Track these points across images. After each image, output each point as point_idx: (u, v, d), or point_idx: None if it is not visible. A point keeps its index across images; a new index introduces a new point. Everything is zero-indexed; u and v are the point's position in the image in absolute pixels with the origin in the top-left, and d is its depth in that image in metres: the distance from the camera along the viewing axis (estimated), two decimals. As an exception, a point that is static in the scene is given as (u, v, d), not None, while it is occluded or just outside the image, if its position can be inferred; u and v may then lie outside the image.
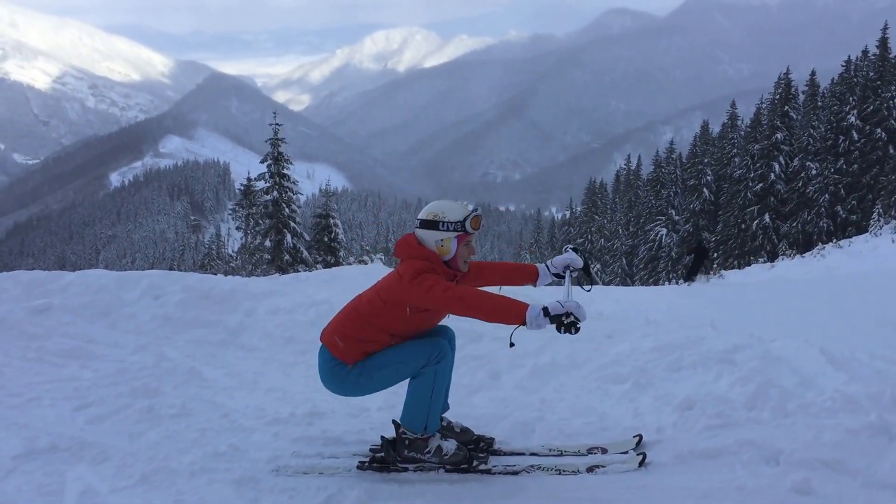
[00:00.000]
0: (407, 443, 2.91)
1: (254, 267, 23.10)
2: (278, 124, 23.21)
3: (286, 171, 23.24)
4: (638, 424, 3.34)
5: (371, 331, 2.81)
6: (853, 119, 31.07)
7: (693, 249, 23.32)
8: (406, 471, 2.95)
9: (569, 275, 3.03)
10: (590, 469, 2.85)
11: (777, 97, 34.82)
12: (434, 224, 2.81)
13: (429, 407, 2.84)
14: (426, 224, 2.83)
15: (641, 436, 3.11)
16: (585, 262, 3.06)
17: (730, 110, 40.15)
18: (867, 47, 33.00)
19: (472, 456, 2.97)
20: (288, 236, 22.74)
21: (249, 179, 25.03)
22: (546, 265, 3.12)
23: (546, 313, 2.47)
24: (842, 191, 31.50)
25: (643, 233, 40.23)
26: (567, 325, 2.46)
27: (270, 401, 3.95)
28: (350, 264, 19.02)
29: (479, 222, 2.85)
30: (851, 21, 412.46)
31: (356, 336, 2.82)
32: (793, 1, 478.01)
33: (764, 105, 37.05)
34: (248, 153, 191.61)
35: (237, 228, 27.58)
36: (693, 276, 20.39)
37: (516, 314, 2.51)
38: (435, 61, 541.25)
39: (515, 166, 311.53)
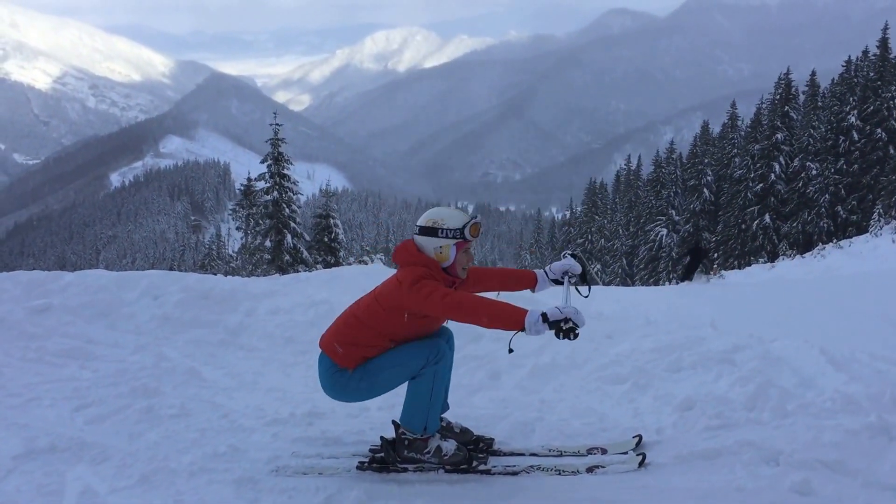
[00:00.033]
0: (406, 443, 2.91)
1: (254, 267, 23.10)
2: (278, 124, 23.22)
3: (286, 172, 23.24)
4: (638, 425, 3.34)
5: (370, 336, 2.81)
6: (853, 119, 31.07)
7: (690, 250, 23.41)
8: (405, 471, 2.95)
9: (567, 281, 3.04)
10: (589, 469, 2.85)
11: (777, 97, 34.83)
12: (433, 231, 2.81)
13: (428, 407, 2.84)
14: (425, 231, 2.83)
15: (641, 436, 3.11)
16: (584, 269, 3.06)
17: (730, 110, 40.16)
18: (867, 47, 33.02)
19: (472, 456, 2.97)
20: (288, 236, 22.75)
21: (250, 180, 25.04)
22: (544, 271, 3.13)
23: (545, 319, 2.48)
24: (842, 191, 31.50)
25: (643, 233, 40.23)
26: (566, 331, 2.47)
27: (270, 401, 3.94)
28: (350, 264, 19.03)
29: (478, 230, 2.85)
30: (852, 21, 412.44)
31: (356, 342, 2.83)
32: (793, 1, 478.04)
33: (764, 105, 37.06)
34: (249, 153, 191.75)
35: (237, 229, 27.58)
36: (690, 277, 20.42)
37: (515, 320, 2.51)
38: (435, 61, 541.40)
39: (516, 166, 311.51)
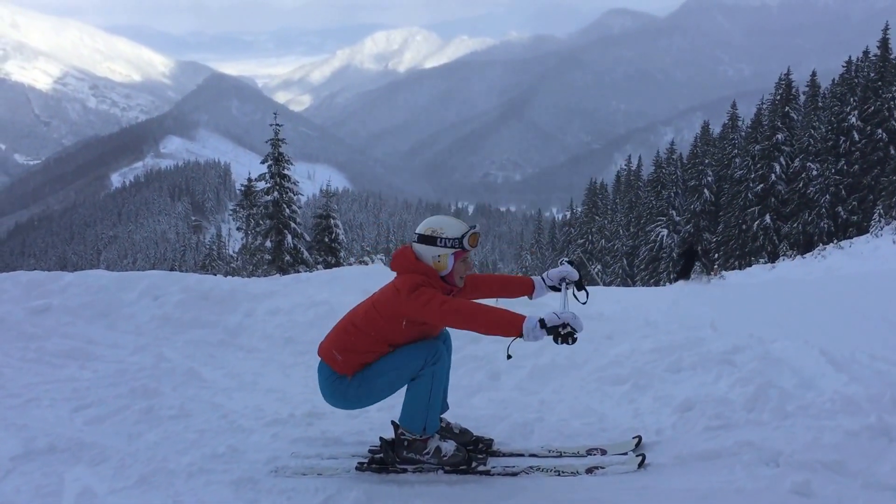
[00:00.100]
0: (406, 444, 2.91)
1: (254, 267, 23.11)
2: (279, 125, 23.23)
3: (287, 172, 23.25)
4: (637, 426, 3.34)
5: (369, 342, 2.82)
6: (854, 120, 31.06)
7: (684, 251, 23.58)
8: (405, 472, 2.95)
9: (564, 287, 3.04)
10: (589, 470, 2.84)
11: (778, 98, 34.82)
12: (432, 240, 2.82)
13: (427, 408, 2.84)
14: (424, 239, 2.84)
15: (641, 437, 3.11)
16: (581, 275, 3.07)
17: (730, 111, 40.15)
18: (868, 48, 33.01)
19: (471, 457, 2.97)
20: (288, 237, 22.75)
21: (250, 180, 25.05)
22: (542, 278, 3.14)
23: (542, 325, 2.49)
24: (843, 191, 31.49)
25: (644, 233, 40.22)
26: (564, 336, 2.48)
27: (269, 401, 3.94)
28: (350, 265, 19.03)
29: (477, 240, 2.87)
30: (852, 21, 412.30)
31: (354, 348, 2.83)
32: (793, 1, 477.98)
33: (764, 105, 37.05)
34: (249, 154, 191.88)
35: (238, 229, 27.60)
36: (684, 276, 20.51)
37: (513, 326, 2.52)
38: (435, 62, 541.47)
39: (516, 167, 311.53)
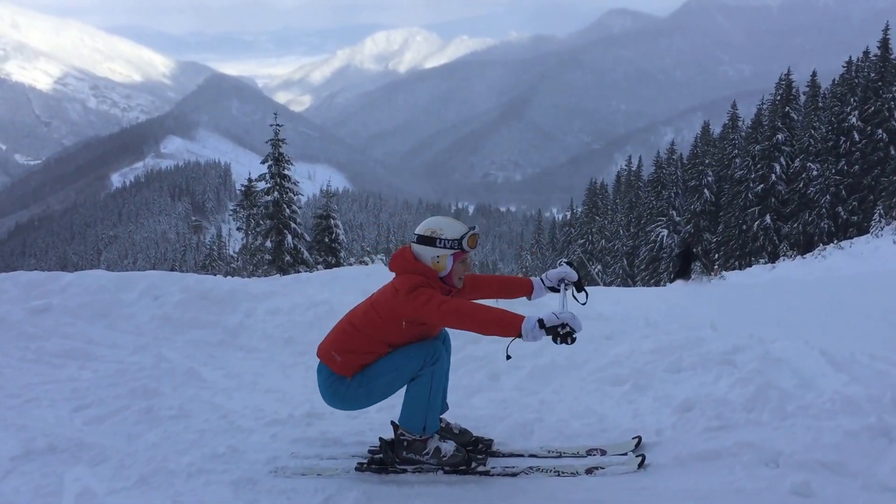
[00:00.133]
0: (405, 444, 2.91)
1: (255, 268, 23.12)
2: (279, 125, 23.23)
3: (287, 172, 23.25)
4: (637, 426, 3.33)
5: (368, 343, 2.82)
6: (854, 120, 31.05)
7: (680, 251, 23.72)
8: (404, 472, 2.94)
9: (563, 288, 3.04)
10: (589, 471, 2.84)
11: (778, 98, 34.80)
12: (431, 240, 2.82)
13: (427, 408, 2.84)
14: (423, 240, 2.84)
15: (640, 437, 3.10)
16: (580, 276, 3.07)
17: (731, 111, 40.10)
18: (868, 48, 32.98)
19: (471, 457, 2.97)
20: (289, 237, 22.75)
21: (250, 180, 25.06)
22: (541, 279, 3.14)
23: (541, 325, 2.49)
24: (843, 192, 31.47)
25: (644, 234, 40.22)
26: (563, 336, 2.48)
27: (269, 402, 3.94)
28: (351, 265, 19.04)
29: (476, 241, 2.86)
30: (852, 22, 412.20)
31: (353, 349, 2.83)
32: (794, 2, 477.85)
33: (765, 106, 37.03)
34: (249, 154, 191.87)
35: (238, 229, 27.61)
36: (681, 277, 20.62)
37: (512, 326, 2.52)
38: (436, 62, 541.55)
39: (516, 167, 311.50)
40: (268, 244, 22.77)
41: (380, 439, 3.02)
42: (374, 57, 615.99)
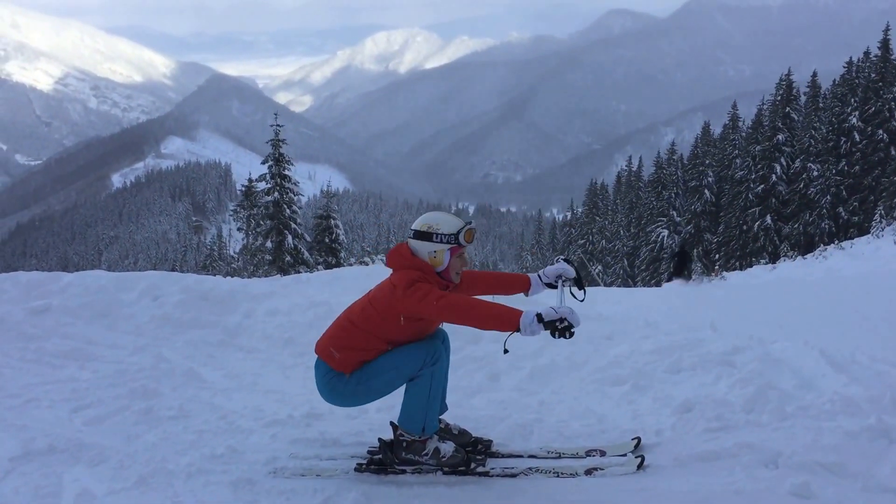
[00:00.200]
0: (404, 445, 2.91)
1: (255, 268, 23.14)
2: (279, 125, 23.25)
3: (287, 173, 23.27)
4: (637, 427, 3.33)
5: (366, 340, 2.81)
6: (855, 120, 31.05)
7: (676, 252, 23.88)
8: (404, 473, 2.94)
9: (561, 284, 3.04)
10: (588, 472, 2.84)
11: (778, 98, 34.80)
12: (428, 235, 2.81)
13: (426, 409, 2.83)
14: (420, 235, 2.82)
15: (640, 438, 3.10)
16: (577, 273, 3.06)
17: (731, 111, 40.11)
18: (869, 48, 32.99)
19: (470, 458, 2.96)
20: (289, 237, 22.76)
21: (251, 180, 25.07)
22: (538, 275, 3.13)
23: (540, 319, 2.48)
24: (843, 192, 31.47)
25: (644, 234, 40.21)
26: (561, 330, 2.47)
27: (269, 402, 3.94)
28: (351, 265, 19.04)
29: (473, 235, 2.85)
30: (853, 22, 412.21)
31: (352, 346, 2.82)
32: (794, 2, 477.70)
33: (765, 106, 37.04)
34: (250, 154, 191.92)
35: (238, 229, 27.62)
36: (677, 277, 20.70)
37: (510, 321, 2.51)
38: (436, 62, 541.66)
39: (516, 167, 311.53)
40: (268, 244, 22.79)
41: (379, 440, 3.01)
42: (375, 57, 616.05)
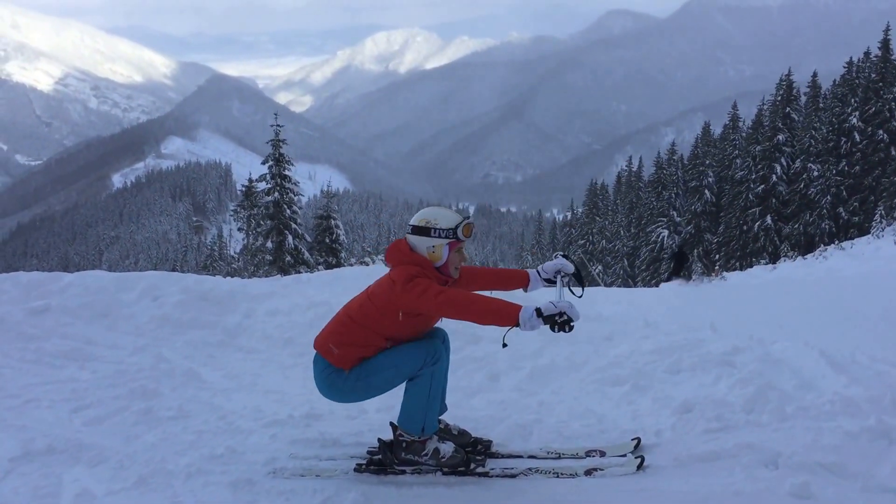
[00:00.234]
0: (404, 445, 2.90)
1: (256, 268, 23.14)
2: (280, 125, 23.26)
3: (287, 173, 23.29)
4: (636, 427, 3.33)
5: (365, 335, 2.80)
6: (855, 120, 31.03)
7: (672, 253, 23.91)
8: (403, 473, 2.94)
9: (560, 279, 3.04)
10: (588, 472, 2.83)
11: (779, 98, 34.79)
12: (426, 230, 2.81)
13: (426, 409, 2.83)
14: (418, 230, 2.82)
15: (640, 439, 3.09)
16: (577, 268, 3.07)
17: (731, 112, 40.09)
18: (869, 49, 32.98)
19: (470, 458, 2.96)
20: (289, 237, 22.77)
21: (251, 181, 25.09)
22: (537, 271, 3.13)
23: (539, 314, 2.48)
24: (844, 192, 31.46)
25: (645, 234, 40.20)
26: (561, 324, 2.47)
27: (268, 402, 3.93)
28: (351, 265, 19.06)
29: (471, 230, 2.85)
30: (853, 22, 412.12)
31: (351, 342, 2.81)
32: (794, 2, 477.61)
33: (765, 106, 37.02)
34: (250, 154, 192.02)
35: (239, 230, 27.66)
36: (673, 278, 20.74)
37: (509, 315, 2.51)
38: (436, 63, 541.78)
39: (517, 168, 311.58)
40: (269, 245, 22.80)
41: (378, 440, 3.01)
42: (375, 57, 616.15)
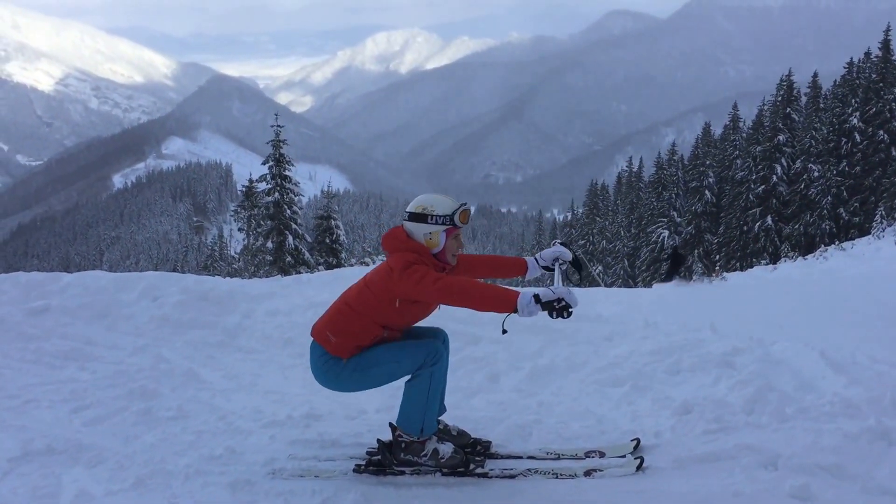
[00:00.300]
0: (403, 446, 2.90)
1: (256, 268, 23.14)
2: (280, 126, 23.26)
3: (288, 173, 23.28)
4: (636, 428, 3.32)
5: (363, 323, 2.79)
6: (855, 121, 31.03)
7: (669, 254, 23.89)
8: (402, 474, 2.94)
9: (558, 267, 3.03)
10: (587, 473, 2.83)
11: (779, 99, 34.79)
12: (423, 217, 2.80)
13: (425, 409, 2.83)
14: (415, 217, 2.81)
15: (639, 439, 3.09)
16: (574, 255, 3.05)
17: (732, 112, 40.09)
18: (870, 49, 32.98)
19: (469, 459, 2.96)
20: (290, 238, 22.77)
21: (251, 181, 25.08)
22: (535, 258, 3.12)
23: (537, 300, 2.47)
24: (844, 193, 31.45)
25: (645, 234, 40.19)
26: (559, 310, 2.46)
27: (268, 403, 3.93)
28: (352, 266, 19.06)
29: (468, 216, 2.84)
30: (854, 23, 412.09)
31: (348, 330, 2.81)
32: (795, 3, 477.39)
33: (766, 107, 37.02)
34: (250, 155, 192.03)
35: (239, 230, 27.65)
36: (669, 279, 20.73)
37: (507, 301, 2.50)
38: (436, 63, 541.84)
39: (517, 168, 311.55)
40: (269, 245, 22.80)
41: (378, 441, 3.01)
42: (375, 58, 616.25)
